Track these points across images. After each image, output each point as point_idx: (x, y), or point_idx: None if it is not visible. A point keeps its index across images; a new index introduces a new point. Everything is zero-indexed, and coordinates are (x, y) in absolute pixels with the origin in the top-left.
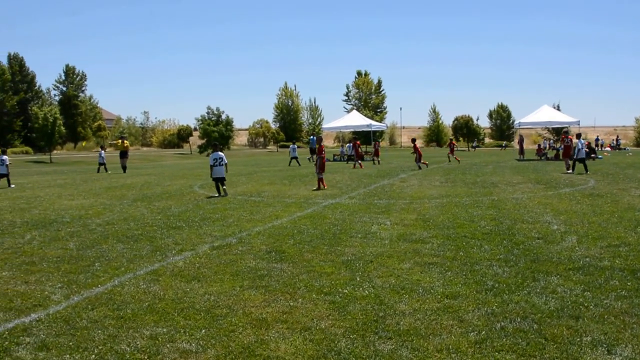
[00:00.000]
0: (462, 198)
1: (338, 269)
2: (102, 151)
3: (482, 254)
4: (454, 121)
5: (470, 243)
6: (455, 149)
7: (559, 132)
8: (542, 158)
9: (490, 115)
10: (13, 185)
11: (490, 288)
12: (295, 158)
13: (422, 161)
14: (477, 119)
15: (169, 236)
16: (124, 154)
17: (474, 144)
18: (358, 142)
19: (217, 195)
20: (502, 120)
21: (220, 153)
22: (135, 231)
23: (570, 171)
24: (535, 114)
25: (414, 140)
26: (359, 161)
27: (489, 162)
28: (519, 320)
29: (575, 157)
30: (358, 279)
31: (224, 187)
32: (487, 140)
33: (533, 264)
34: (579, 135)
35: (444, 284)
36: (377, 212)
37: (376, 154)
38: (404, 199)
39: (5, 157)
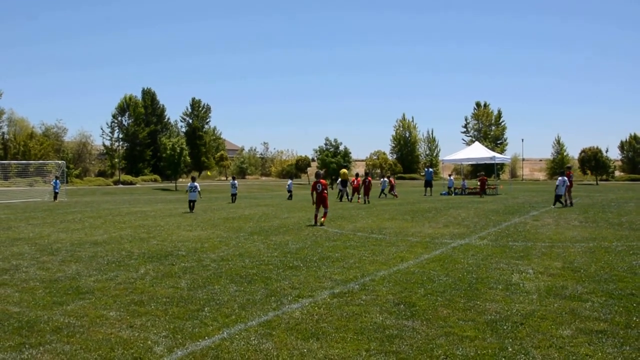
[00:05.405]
0: (612, 242)
1: (482, 333)
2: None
3: None
4: (580, 153)
5: None
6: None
7: None
8: None
9: (622, 147)
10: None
11: None
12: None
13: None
14: (607, 151)
15: (285, 278)
16: (344, 183)
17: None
18: (391, 176)
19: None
20: (635, 152)
21: (195, 183)
22: (250, 270)
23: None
24: None
25: (357, 175)
26: (366, 197)
27: (627, 198)
28: None
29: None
30: (510, 348)
31: (193, 208)
32: (617, 173)
33: None
34: (561, 173)
35: None
36: (515, 257)
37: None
38: (543, 241)
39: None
